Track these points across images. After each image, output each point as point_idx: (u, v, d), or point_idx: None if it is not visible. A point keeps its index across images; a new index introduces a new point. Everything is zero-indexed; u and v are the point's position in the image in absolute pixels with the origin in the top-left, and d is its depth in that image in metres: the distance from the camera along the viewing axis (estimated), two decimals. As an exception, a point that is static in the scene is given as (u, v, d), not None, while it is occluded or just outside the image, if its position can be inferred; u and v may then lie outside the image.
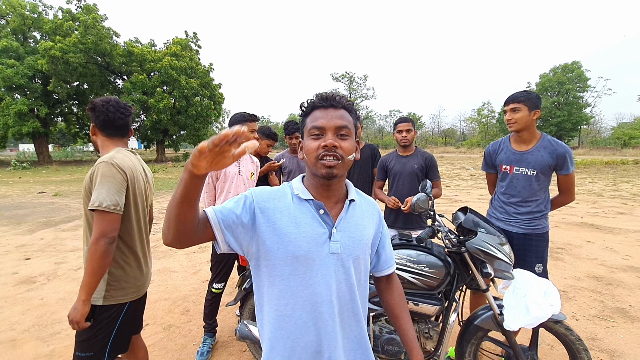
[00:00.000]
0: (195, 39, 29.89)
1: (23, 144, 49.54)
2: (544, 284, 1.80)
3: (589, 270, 4.21)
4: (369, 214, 1.10)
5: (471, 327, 1.98)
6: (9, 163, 23.45)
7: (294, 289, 0.97)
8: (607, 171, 18.05)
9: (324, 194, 1.02)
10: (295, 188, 1.04)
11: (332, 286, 0.98)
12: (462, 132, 75.93)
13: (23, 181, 14.99)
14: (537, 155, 2.24)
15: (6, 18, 24.53)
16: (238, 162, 2.68)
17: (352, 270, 1.01)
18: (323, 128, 0.97)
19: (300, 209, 1.00)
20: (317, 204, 1.00)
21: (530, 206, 2.30)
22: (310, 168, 1.01)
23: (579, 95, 42.85)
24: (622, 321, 3.00)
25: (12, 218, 7.47)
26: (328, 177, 0.96)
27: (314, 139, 0.98)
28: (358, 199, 1.09)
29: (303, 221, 0.98)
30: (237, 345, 2.67)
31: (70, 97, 25.60)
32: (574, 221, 6.85)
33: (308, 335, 0.98)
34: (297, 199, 1.01)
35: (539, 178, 2.26)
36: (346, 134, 0.98)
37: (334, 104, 1.00)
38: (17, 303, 3.42)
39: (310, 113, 1.02)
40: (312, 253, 0.96)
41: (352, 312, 1.03)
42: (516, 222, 2.33)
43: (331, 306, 0.98)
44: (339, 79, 55.95)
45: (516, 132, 2.29)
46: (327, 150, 0.94)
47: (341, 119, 0.98)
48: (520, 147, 2.32)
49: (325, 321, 0.98)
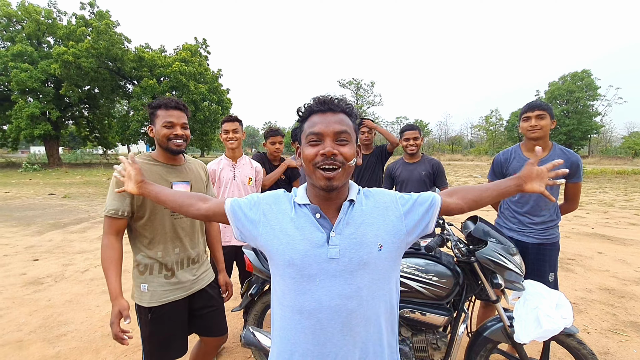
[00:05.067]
0: (205, 45, 30.24)
1: (34, 146, 50.49)
2: (555, 296, 1.76)
3: (601, 282, 4.12)
4: (378, 209, 1.01)
5: (480, 339, 1.94)
6: (20, 165, 23.84)
7: (292, 292, 0.96)
8: (618, 181, 17.74)
9: (324, 201, 1.00)
10: (296, 194, 1.04)
11: (334, 293, 0.93)
12: (469, 139, 75.46)
13: (33, 183, 15.22)
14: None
15: (22, 23, 25.16)
16: (233, 167, 2.65)
17: (358, 275, 0.94)
18: (321, 134, 0.94)
19: (297, 214, 0.99)
20: (313, 208, 0.99)
21: (545, 215, 2.27)
22: (309, 177, 0.98)
23: (589, 104, 42.41)
24: (635, 335, 2.92)
25: (21, 219, 7.57)
26: (327, 189, 0.94)
27: (312, 146, 0.95)
28: (360, 197, 1.03)
29: (300, 226, 0.97)
30: (242, 352, 2.65)
31: (81, 101, 26.07)
32: (584, 231, 6.73)
33: (306, 342, 0.95)
34: (295, 204, 1.02)
35: (552, 187, 2.22)
36: (345, 139, 0.95)
37: (333, 108, 0.96)
38: (24, 304, 3.45)
39: (308, 118, 0.98)
40: (308, 258, 0.94)
41: (363, 319, 0.95)
42: (531, 232, 2.29)
43: (333, 314, 0.93)
44: (346, 86, 56.13)
45: (536, 139, 2.23)
46: (325, 159, 0.92)
47: (340, 124, 0.95)
48: (533, 155, 2.28)
49: (326, 329, 0.93)
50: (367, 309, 0.95)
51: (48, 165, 25.02)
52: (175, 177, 1.70)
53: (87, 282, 4.04)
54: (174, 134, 1.64)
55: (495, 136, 57.40)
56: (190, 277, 1.72)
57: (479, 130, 65.82)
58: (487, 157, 44.68)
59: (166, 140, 1.63)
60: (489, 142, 58.75)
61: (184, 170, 1.76)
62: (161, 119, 1.63)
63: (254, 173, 2.73)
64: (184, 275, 1.70)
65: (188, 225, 1.73)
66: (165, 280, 1.65)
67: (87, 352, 2.64)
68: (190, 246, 1.73)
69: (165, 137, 1.63)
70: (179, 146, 1.66)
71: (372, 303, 0.96)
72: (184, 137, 1.67)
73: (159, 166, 1.68)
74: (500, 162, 2.44)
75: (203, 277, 1.80)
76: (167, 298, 1.64)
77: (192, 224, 1.75)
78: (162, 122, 1.62)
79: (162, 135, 1.63)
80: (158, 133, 1.64)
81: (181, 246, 1.70)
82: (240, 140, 2.69)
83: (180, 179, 1.71)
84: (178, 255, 1.69)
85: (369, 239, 0.96)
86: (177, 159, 1.74)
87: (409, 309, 1.87)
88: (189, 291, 1.72)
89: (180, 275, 1.68)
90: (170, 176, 1.69)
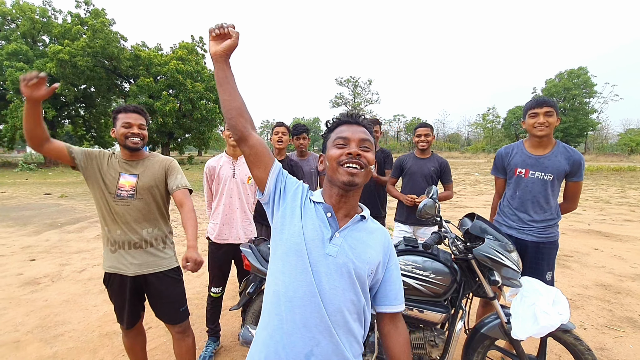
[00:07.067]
0: (202, 43, 30.13)
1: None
2: (552, 293, 1.77)
3: (597, 278, 4.14)
4: (377, 238, 1.09)
5: (478, 336, 1.95)
6: (16, 164, 23.70)
7: (287, 275, 1.01)
8: (614, 178, 17.85)
9: (338, 205, 1.07)
10: (312, 193, 1.12)
11: (324, 287, 0.98)
12: (466, 137, 75.69)
13: (30, 183, 15.13)
14: (555, 160, 2.18)
15: (16, 22, 24.92)
16: (233, 165, 2.65)
17: (347, 280, 1.00)
18: (348, 139, 1.04)
19: (310, 208, 1.08)
20: (325, 207, 1.07)
21: (546, 214, 2.25)
22: (331, 175, 1.06)
23: (585, 101, 42.63)
24: (631, 331, 2.94)
25: (18, 219, 7.53)
26: (349, 184, 1.01)
27: (339, 148, 1.05)
28: (369, 221, 1.12)
29: (310, 217, 1.05)
30: (240, 350, 2.65)
31: (77, 100, 25.92)
32: (581, 228, 6.77)
33: (293, 326, 0.98)
34: (311, 200, 1.10)
35: (553, 184, 2.21)
36: (368, 147, 1.06)
37: (359, 122, 1.09)
38: (21, 304, 3.43)
39: (336, 128, 1.11)
40: (309, 248, 1.00)
41: (340, 315, 0.99)
42: (531, 230, 2.27)
43: (320, 307, 0.97)
44: (343, 84, 56.14)
45: (543, 136, 2.18)
46: (350, 158, 1.01)
47: (365, 134, 1.06)
48: (536, 151, 2.25)
49: (313, 317, 0.97)
50: (341, 306, 0.99)
51: (44, 164, 24.84)
52: (125, 170, 1.90)
53: (84, 282, 4.02)
54: (131, 132, 1.85)
55: (492, 134, 57.64)
56: (131, 259, 1.89)
57: (476, 127, 66.08)
58: (484, 155, 44.83)
59: (124, 139, 1.86)
60: (486, 139, 59.00)
61: (137, 165, 1.94)
62: (121, 120, 1.86)
63: None
64: (124, 257, 1.89)
65: (130, 213, 1.88)
66: (111, 253, 1.90)
67: (85, 352, 2.63)
68: (131, 232, 1.88)
69: (123, 135, 1.85)
70: (136, 144, 1.87)
71: (355, 309, 1.03)
72: (141, 135, 1.89)
73: (118, 161, 1.92)
74: (502, 156, 2.44)
75: (149, 265, 1.93)
76: (109, 269, 1.90)
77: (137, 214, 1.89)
78: (122, 123, 1.85)
79: (121, 134, 1.86)
80: (118, 132, 1.87)
81: (122, 230, 1.88)
82: None
83: (129, 173, 1.90)
84: (119, 237, 1.88)
85: (365, 259, 1.03)
86: (133, 155, 1.94)
87: (406, 307, 1.88)
88: (127, 271, 1.89)
89: (120, 254, 1.89)
90: (120, 168, 1.90)
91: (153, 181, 1.94)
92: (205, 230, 3.53)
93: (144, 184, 1.90)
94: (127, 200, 1.86)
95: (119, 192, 1.85)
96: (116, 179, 1.87)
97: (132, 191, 1.87)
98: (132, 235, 1.88)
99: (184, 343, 2.06)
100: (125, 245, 1.88)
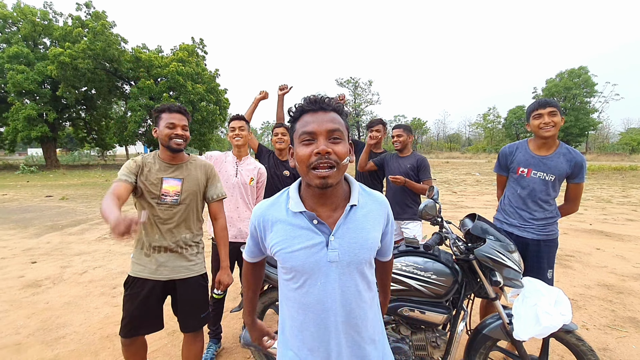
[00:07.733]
0: (202, 45, 30.15)
1: (31, 148, 50.25)
2: (554, 293, 1.76)
3: (599, 278, 4.13)
4: (374, 214, 1.04)
5: (479, 337, 1.94)
6: (17, 167, 23.73)
7: (296, 294, 1.00)
8: (615, 177, 17.80)
9: (320, 201, 1.01)
10: (291, 198, 1.02)
11: (336, 294, 0.96)
12: (467, 137, 75.54)
13: (31, 185, 15.15)
14: (557, 162, 2.20)
15: (17, 25, 25.02)
16: (236, 165, 2.66)
17: (358, 276, 0.99)
18: (314, 133, 0.93)
19: (294, 220, 1.00)
20: (309, 215, 0.99)
21: (546, 211, 2.26)
22: (304, 177, 0.99)
23: (586, 101, 42.51)
24: (634, 331, 2.93)
25: (19, 222, 7.54)
26: (323, 187, 0.94)
27: (306, 145, 0.94)
28: (362, 201, 1.04)
29: (298, 232, 0.98)
30: (241, 352, 2.65)
31: (78, 102, 25.97)
32: (582, 228, 6.75)
33: (313, 340, 0.99)
34: (291, 211, 1.00)
35: (554, 185, 2.23)
36: (338, 137, 0.95)
37: (324, 107, 0.96)
38: (22, 307, 3.43)
39: (300, 118, 0.98)
40: (309, 263, 0.96)
41: (362, 313, 1.01)
42: (531, 228, 2.28)
43: (336, 315, 0.97)
44: (343, 84, 56.03)
45: (549, 137, 2.18)
46: (320, 158, 0.91)
47: (332, 122, 0.95)
48: (540, 151, 2.27)
49: (329, 329, 0.97)
50: (363, 309, 1.01)
51: (45, 167, 24.91)
52: (168, 173, 1.87)
53: (85, 284, 4.02)
54: (175, 133, 1.83)
55: (493, 134, 57.52)
56: (165, 263, 1.85)
57: (477, 128, 65.90)
58: (485, 155, 44.74)
59: (167, 140, 1.82)
60: (487, 139, 58.85)
61: (180, 168, 1.91)
62: (164, 120, 1.83)
63: (256, 174, 2.73)
64: (159, 260, 1.85)
65: (172, 218, 1.86)
66: (145, 257, 1.85)
67: (86, 354, 2.63)
68: (170, 237, 1.86)
69: (167, 136, 1.82)
70: (179, 145, 1.85)
71: (369, 302, 1.04)
72: (184, 137, 1.86)
73: (158, 163, 1.87)
74: (506, 154, 2.44)
75: (182, 270, 1.90)
76: (139, 274, 1.85)
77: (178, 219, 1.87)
78: (165, 123, 1.82)
79: (165, 135, 1.82)
80: (161, 133, 1.84)
81: (160, 234, 1.85)
82: (246, 138, 2.70)
83: (173, 176, 1.87)
84: (157, 241, 1.84)
85: (368, 246, 1.00)
86: (176, 157, 1.91)
87: (408, 308, 1.87)
88: (160, 276, 1.85)
89: (154, 258, 1.84)
90: (163, 173, 1.86)
91: (197, 186, 1.93)
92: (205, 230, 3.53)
93: (189, 190, 1.89)
94: (172, 205, 1.84)
95: (163, 198, 1.83)
96: (159, 183, 1.83)
97: (176, 196, 1.85)
98: (170, 240, 1.86)
99: (193, 347, 2.03)
100: (162, 249, 1.85)
